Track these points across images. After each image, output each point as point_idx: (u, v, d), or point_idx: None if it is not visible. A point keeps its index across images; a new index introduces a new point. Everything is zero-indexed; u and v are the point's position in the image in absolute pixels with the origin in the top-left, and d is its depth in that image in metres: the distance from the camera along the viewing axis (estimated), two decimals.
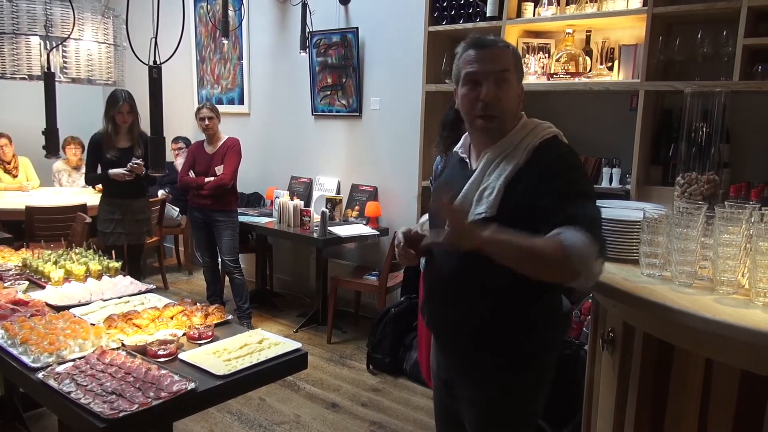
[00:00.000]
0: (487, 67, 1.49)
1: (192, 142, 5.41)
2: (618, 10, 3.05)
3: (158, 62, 2.04)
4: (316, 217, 4.28)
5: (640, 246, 1.70)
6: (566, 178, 1.44)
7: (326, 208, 4.41)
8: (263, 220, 4.62)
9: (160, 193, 5.45)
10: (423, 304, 1.76)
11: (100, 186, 5.60)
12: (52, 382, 1.64)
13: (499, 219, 1.44)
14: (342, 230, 4.22)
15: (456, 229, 1.34)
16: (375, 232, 4.35)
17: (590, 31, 3.30)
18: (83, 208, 4.53)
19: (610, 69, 3.24)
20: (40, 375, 1.67)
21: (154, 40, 2.02)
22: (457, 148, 1.69)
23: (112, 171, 3.93)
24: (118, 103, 3.93)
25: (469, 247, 1.36)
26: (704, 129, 2.05)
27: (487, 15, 3.47)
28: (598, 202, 2.04)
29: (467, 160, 1.63)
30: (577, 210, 1.39)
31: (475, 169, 1.55)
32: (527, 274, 1.38)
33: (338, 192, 4.86)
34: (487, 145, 1.56)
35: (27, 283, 2.51)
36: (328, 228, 4.16)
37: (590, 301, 2.38)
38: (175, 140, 5.58)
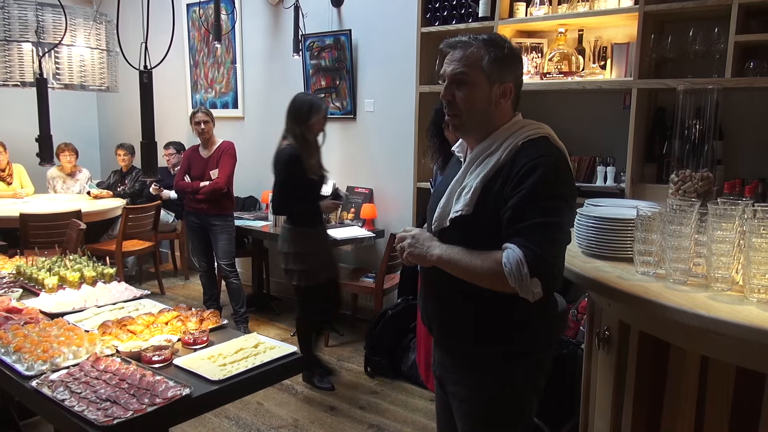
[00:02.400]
0: (449, 67, 1.53)
1: (184, 147, 5.41)
2: (610, 9, 3.06)
3: (149, 67, 2.03)
4: None
5: (634, 244, 1.70)
6: (537, 180, 1.40)
7: None
8: (259, 224, 4.61)
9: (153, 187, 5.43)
10: (419, 300, 1.77)
11: (104, 191, 5.64)
12: (45, 390, 1.63)
13: (476, 217, 1.47)
14: (338, 233, 4.21)
15: (407, 256, 1.57)
16: (371, 234, 4.34)
17: (582, 30, 3.31)
18: (78, 214, 4.52)
19: (603, 68, 3.25)
20: (33, 383, 1.66)
21: (144, 44, 2.01)
22: (454, 148, 1.70)
23: (326, 203, 3.35)
24: (321, 107, 3.27)
25: (426, 265, 1.57)
26: (697, 126, 2.05)
27: (480, 15, 3.48)
28: (592, 201, 2.06)
29: (462, 160, 1.64)
30: (532, 221, 1.39)
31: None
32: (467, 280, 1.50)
33: None
34: (474, 144, 1.57)
35: (21, 290, 2.49)
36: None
37: (587, 299, 2.38)
38: (166, 146, 5.56)
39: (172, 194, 5.23)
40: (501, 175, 1.46)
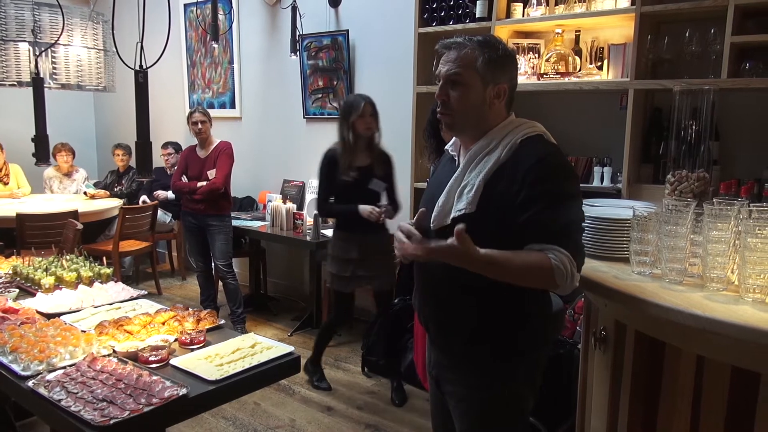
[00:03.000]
0: (443, 68, 1.54)
1: (182, 147, 5.40)
2: (606, 10, 3.07)
3: (144, 67, 2.03)
4: (309, 221, 4.27)
5: (631, 244, 1.71)
6: (549, 183, 1.43)
7: None
8: (256, 224, 4.61)
9: (142, 200, 5.43)
10: (413, 298, 1.77)
11: (101, 191, 5.63)
12: (42, 390, 1.63)
13: (478, 215, 1.47)
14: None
15: (444, 253, 1.39)
16: None
17: (579, 31, 3.31)
18: (74, 214, 4.51)
19: (600, 68, 3.25)
20: (30, 383, 1.66)
21: (140, 44, 2.01)
22: (448, 146, 1.70)
23: (363, 208, 3.19)
24: (359, 106, 3.21)
25: (468, 264, 1.41)
26: (693, 127, 2.06)
27: (477, 16, 3.48)
28: (589, 201, 2.07)
29: (456, 158, 1.64)
30: (562, 223, 1.42)
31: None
32: (504, 281, 1.44)
33: None
34: (469, 143, 1.58)
35: (17, 290, 2.49)
36: (321, 231, 4.15)
37: (583, 299, 2.38)
38: (165, 146, 5.56)
39: (170, 195, 5.23)
40: (504, 173, 1.47)
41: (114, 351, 1.89)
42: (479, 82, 1.50)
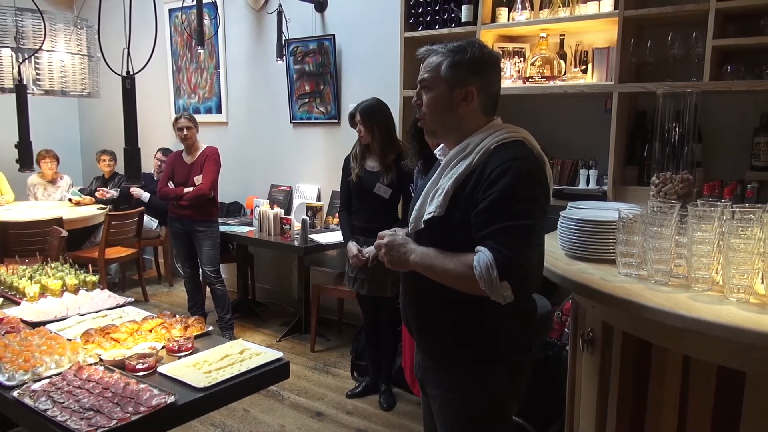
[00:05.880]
0: (419, 74, 1.60)
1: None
2: (590, 14, 3.10)
3: (131, 72, 2.02)
4: (297, 225, 4.26)
5: (617, 246, 1.72)
6: (508, 184, 1.41)
7: (307, 215, 4.39)
8: (244, 230, 4.59)
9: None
10: (400, 303, 1.78)
11: (86, 198, 5.56)
12: (27, 400, 1.61)
13: (448, 219, 1.49)
14: (323, 238, 4.20)
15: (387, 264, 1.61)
16: None
17: (564, 35, 3.34)
18: (59, 221, 4.46)
19: (584, 72, 3.28)
20: (15, 393, 1.64)
21: (126, 50, 2.00)
22: (437, 151, 1.71)
23: (350, 247, 3.24)
24: (354, 111, 3.28)
25: (406, 270, 1.60)
26: (677, 129, 2.09)
27: (462, 20, 3.50)
28: (575, 203, 2.08)
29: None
30: (503, 224, 1.40)
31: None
32: (442, 282, 1.52)
33: (318, 199, 4.85)
34: (452, 147, 1.59)
35: (1, 299, 2.46)
36: (309, 236, 4.14)
37: (570, 301, 2.40)
38: (165, 152, 5.50)
39: (144, 195, 5.22)
40: (473, 177, 1.47)
41: (100, 359, 1.87)
42: (444, 85, 1.53)
